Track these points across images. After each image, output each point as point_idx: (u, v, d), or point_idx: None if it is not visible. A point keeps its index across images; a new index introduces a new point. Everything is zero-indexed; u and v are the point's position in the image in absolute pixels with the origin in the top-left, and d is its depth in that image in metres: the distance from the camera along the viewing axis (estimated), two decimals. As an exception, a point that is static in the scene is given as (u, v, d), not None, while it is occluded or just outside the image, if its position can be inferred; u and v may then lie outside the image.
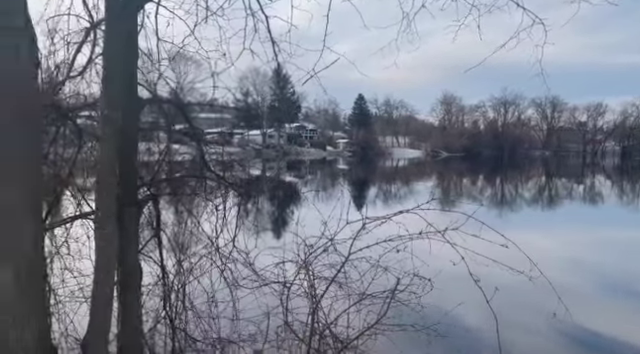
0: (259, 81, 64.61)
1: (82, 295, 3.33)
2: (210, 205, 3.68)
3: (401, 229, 2.88)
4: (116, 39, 2.48)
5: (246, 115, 64.03)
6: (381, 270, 3.00)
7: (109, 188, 2.47)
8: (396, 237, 2.88)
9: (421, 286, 2.94)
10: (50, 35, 3.12)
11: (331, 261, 3.12)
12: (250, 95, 67.44)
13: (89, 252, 3.43)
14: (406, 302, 2.96)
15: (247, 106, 63.28)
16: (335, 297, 3.10)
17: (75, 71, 3.19)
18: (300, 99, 71.72)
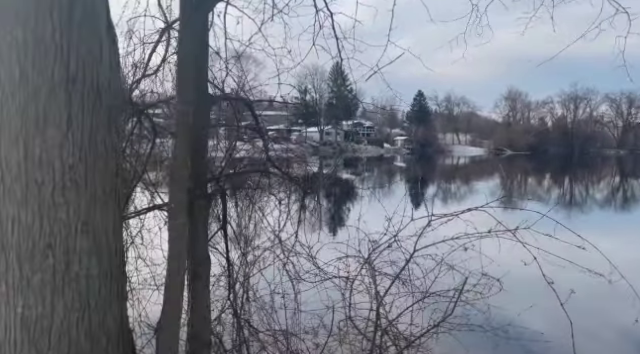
0: (317, 78, 64.99)
1: (154, 283, 3.52)
2: (274, 200, 3.78)
3: (468, 227, 2.81)
4: (189, 38, 2.59)
5: (304, 112, 64.74)
6: (445, 268, 2.95)
7: (181, 181, 2.58)
8: (463, 235, 2.82)
9: (487, 286, 2.86)
10: (128, 36, 3.32)
11: (392, 258, 3.11)
12: (308, 92, 68.13)
13: (160, 242, 3.63)
14: (472, 302, 2.89)
15: (305, 103, 64.02)
16: (397, 294, 3.09)
17: (150, 70, 3.38)
18: (358, 96, 71.81)
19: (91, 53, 2.18)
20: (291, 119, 60.09)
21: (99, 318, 2.20)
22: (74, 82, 2.11)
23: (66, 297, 2.11)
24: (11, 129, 2.02)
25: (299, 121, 64.96)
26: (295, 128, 59.92)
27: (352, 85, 66.77)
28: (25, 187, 2.04)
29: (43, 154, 2.05)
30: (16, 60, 1.99)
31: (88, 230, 2.18)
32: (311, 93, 68.67)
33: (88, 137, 2.17)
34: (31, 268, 2.06)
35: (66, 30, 2.07)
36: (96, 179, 2.22)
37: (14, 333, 2.06)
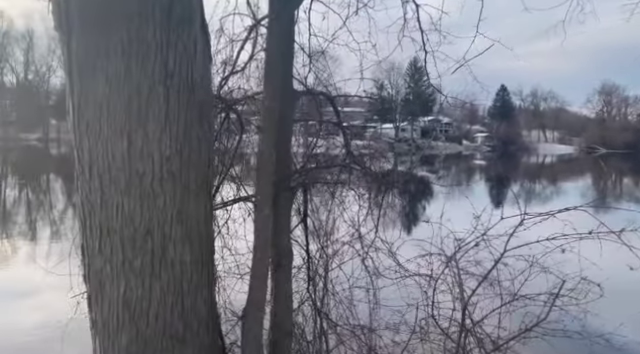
0: (394, 74, 64.09)
1: (238, 272, 3.67)
2: (353, 194, 3.79)
3: (566, 227, 2.63)
4: (276, 35, 2.65)
5: (380, 109, 64.14)
6: (536, 271, 2.79)
7: (267, 174, 2.66)
8: (560, 236, 2.64)
9: (584, 292, 2.66)
10: (217, 35, 3.47)
11: (478, 257, 2.99)
12: (385, 88, 67.39)
13: (245, 233, 3.77)
14: (568, 307, 2.71)
15: (381, 99, 63.38)
16: (483, 295, 2.97)
17: (238, 67, 3.51)
18: (435, 92, 69.93)
19: (187, 51, 2.30)
20: (366, 115, 59.92)
21: (191, 302, 2.33)
22: (172, 78, 2.24)
23: (162, 281, 2.25)
24: (117, 123, 2.18)
25: (374, 117, 64.49)
26: (370, 125, 59.63)
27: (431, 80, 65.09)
28: (128, 177, 2.20)
29: (144, 146, 2.20)
30: (122, 58, 2.14)
31: (182, 219, 2.32)
32: (387, 89, 67.86)
33: (183, 131, 2.30)
34: (133, 252, 2.22)
35: (165, 29, 2.20)
36: (190, 171, 2.34)
37: (117, 311, 2.23)
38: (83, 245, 2.31)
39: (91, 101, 2.19)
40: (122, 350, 2.22)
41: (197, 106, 2.38)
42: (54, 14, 2.24)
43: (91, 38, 2.14)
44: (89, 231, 2.27)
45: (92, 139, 2.21)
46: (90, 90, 2.18)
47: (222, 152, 3.46)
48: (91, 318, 2.31)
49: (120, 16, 2.12)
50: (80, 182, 2.28)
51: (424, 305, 3.11)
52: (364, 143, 3.93)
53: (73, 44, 2.16)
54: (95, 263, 2.27)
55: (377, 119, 64.13)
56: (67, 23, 2.15)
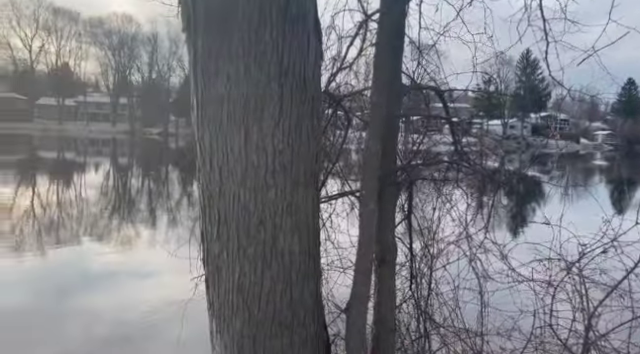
0: (504, 67, 60.53)
1: (340, 265, 3.73)
2: (461, 192, 3.65)
3: None
4: (387, 29, 2.64)
5: (486, 104, 61.03)
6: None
7: (373, 169, 2.66)
8: None
9: None
10: (327, 32, 3.53)
11: (603, 266, 2.72)
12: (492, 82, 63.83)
13: (347, 227, 3.81)
14: None
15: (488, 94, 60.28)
16: (610, 306, 2.71)
17: (346, 63, 3.55)
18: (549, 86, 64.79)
19: (300, 48, 2.37)
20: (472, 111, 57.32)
21: (299, 291, 2.42)
22: (286, 75, 2.33)
23: (273, 270, 2.36)
24: (236, 118, 2.31)
25: (480, 113, 61.51)
26: (476, 121, 56.91)
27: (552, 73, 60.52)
28: (244, 169, 2.33)
29: (259, 140, 2.32)
30: (242, 57, 2.27)
31: (292, 211, 2.40)
32: (495, 83, 64.29)
33: (295, 126, 2.38)
34: (247, 240, 2.35)
35: (281, 29, 2.29)
36: (300, 164, 2.42)
37: (232, 295, 2.38)
38: (203, 231, 2.49)
39: (213, 98, 2.34)
40: (236, 332, 2.36)
41: (308, 102, 2.44)
42: (183, 17, 2.43)
43: (214, 39, 2.29)
44: (208, 218, 2.45)
45: (213, 133, 2.36)
46: (212, 88, 2.34)
47: (328, 147, 3.52)
48: (209, 300, 2.49)
49: (241, 18, 2.24)
50: (201, 173, 2.46)
51: (540, 313, 2.91)
52: (472, 140, 3.75)
53: (199, 45, 2.32)
54: (213, 249, 2.44)
55: (483, 115, 61.11)
56: (194, 26, 2.32)
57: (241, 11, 2.24)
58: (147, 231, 15.29)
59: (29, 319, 7.49)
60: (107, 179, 31.30)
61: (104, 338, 6.77)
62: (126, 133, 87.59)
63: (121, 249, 12.81)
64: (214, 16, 2.28)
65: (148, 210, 19.90)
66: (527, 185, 17.98)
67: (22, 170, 32.37)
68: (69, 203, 20.55)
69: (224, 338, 2.40)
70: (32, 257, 11.51)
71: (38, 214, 17.23)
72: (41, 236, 13.93)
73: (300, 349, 2.41)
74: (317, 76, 2.57)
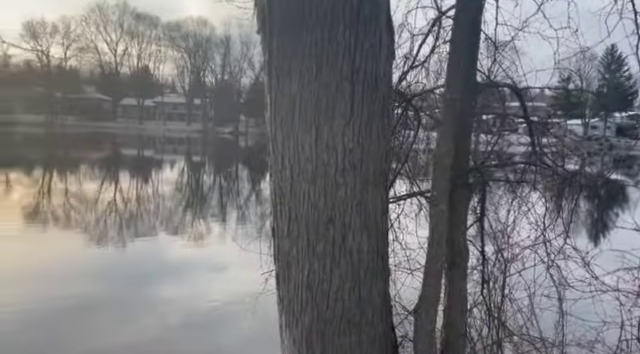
0: (585, 63, 56.87)
1: (408, 266, 3.67)
2: (538, 195, 3.47)
3: None
4: (463, 26, 2.57)
5: (565, 103, 57.53)
6: None
7: (444, 169, 2.60)
8: None
9: None
10: (399, 30, 3.50)
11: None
12: (572, 80, 60.13)
13: (415, 228, 3.75)
14: None
15: (567, 92, 56.75)
16: None
17: (418, 61, 3.49)
18: (638, 83, 59.89)
19: (372, 47, 2.36)
20: (549, 111, 54.17)
21: (367, 291, 2.42)
22: (357, 75, 2.33)
23: (341, 268, 2.37)
24: (307, 117, 2.34)
25: (558, 113, 58.09)
26: (555, 120, 53.76)
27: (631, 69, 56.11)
28: (315, 167, 2.36)
29: (330, 139, 2.33)
30: (314, 57, 2.29)
31: (361, 210, 2.40)
32: (575, 81, 60.51)
33: (365, 125, 2.38)
34: (316, 238, 2.38)
35: (354, 28, 2.29)
36: (369, 163, 2.42)
37: (301, 292, 2.42)
38: (274, 228, 2.55)
39: (285, 98, 2.39)
40: (305, 328, 2.40)
41: (379, 101, 2.43)
42: (258, 19, 2.50)
43: (288, 40, 2.34)
44: (279, 215, 2.50)
45: (285, 132, 2.41)
46: (285, 88, 2.39)
47: (397, 147, 3.48)
48: (279, 295, 2.55)
49: (314, 19, 2.27)
50: (273, 171, 2.52)
51: (627, 325, 2.70)
52: (551, 140, 3.55)
53: (273, 46, 2.38)
54: (284, 245, 2.50)
55: (562, 114, 57.68)
56: (269, 27, 2.38)
57: (315, 12, 2.27)
58: (219, 226, 15.92)
59: (110, 305, 8.05)
60: (182, 176, 32.91)
61: (178, 326, 7.14)
62: (199, 132, 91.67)
63: (194, 243, 13.43)
64: (289, 18, 2.33)
65: (219, 206, 20.70)
66: (610, 189, 16.75)
67: (106, 167, 34.80)
68: (147, 198, 21.84)
69: (293, 333, 2.45)
70: (114, 248, 12.37)
71: (120, 208, 18.46)
72: (122, 229, 14.93)
73: (368, 348, 2.41)
74: (388, 75, 2.55)
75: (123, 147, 55.61)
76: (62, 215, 16.58)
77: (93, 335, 6.92)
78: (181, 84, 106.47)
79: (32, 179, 25.57)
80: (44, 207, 17.73)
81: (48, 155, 39.78)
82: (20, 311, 7.65)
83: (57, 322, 7.26)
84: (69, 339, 6.70)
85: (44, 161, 35.02)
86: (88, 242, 13.13)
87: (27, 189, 21.59)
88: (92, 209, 17.85)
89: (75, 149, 46.50)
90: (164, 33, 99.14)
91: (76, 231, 14.52)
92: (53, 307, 7.87)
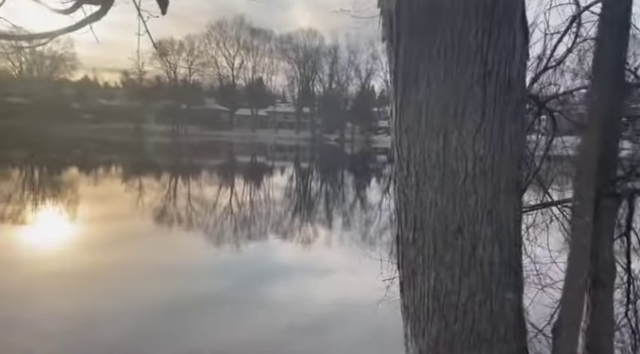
0: None
1: (538, 282, 3.41)
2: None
3: None
4: (610, 22, 2.34)
5: None
6: None
7: (588, 177, 2.38)
8: None
9: None
10: (531, 29, 3.28)
11: None
12: None
13: (547, 241, 3.48)
14: None
15: None
16: None
17: (552, 61, 3.25)
18: None
19: (506, 48, 2.25)
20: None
21: (499, 304, 2.29)
22: (489, 77, 2.23)
23: (471, 279, 2.28)
24: (434, 123, 2.29)
25: None
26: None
27: None
28: (442, 175, 2.29)
29: (459, 146, 2.26)
30: (443, 62, 2.24)
31: (492, 219, 2.29)
32: None
33: (497, 130, 2.27)
34: (444, 247, 2.31)
35: (487, 29, 2.20)
36: (502, 171, 2.30)
37: (427, 301, 2.36)
38: (398, 235, 2.53)
39: (412, 103, 2.36)
40: (431, 339, 2.34)
41: (512, 105, 2.31)
42: (384, 25, 2.51)
43: (416, 44, 2.31)
44: (404, 223, 2.47)
45: (410, 138, 2.38)
46: (411, 93, 2.36)
47: (530, 153, 3.27)
48: (403, 303, 2.52)
49: (444, 22, 2.22)
50: (398, 177, 2.50)
51: None
52: None
53: (400, 51, 2.37)
54: (408, 253, 2.46)
55: None
56: (396, 33, 2.38)
57: (445, 15, 2.22)
58: (334, 231, 16.23)
59: (224, 304, 8.58)
60: (291, 181, 34.21)
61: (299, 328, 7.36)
62: (307, 140, 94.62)
63: (313, 247, 13.83)
64: (417, 22, 2.30)
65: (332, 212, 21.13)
66: None
67: (224, 173, 37.37)
68: (259, 203, 23.02)
69: (419, 343, 2.40)
70: (229, 250, 13.20)
71: (235, 212, 19.67)
72: (236, 231, 15.89)
73: (501, 366, 2.28)
74: (522, 77, 2.41)
75: (238, 154, 59.34)
76: (186, 217, 18.11)
77: (215, 329, 7.42)
78: (291, 94, 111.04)
79: (160, 184, 28.33)
80: (171, 209, 19.51)
81: (174, 162, 43.79)
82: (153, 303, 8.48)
83: (182, 314, 7.92)
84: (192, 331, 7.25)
85: (171, 167, 38.63)
86: (208, 243, 14.17)
87: (156, 193, 23.96)
88: (212, 212, 19.25)
89: (197, 157, 50.62)
90: (276, 46, 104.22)
91: (198, 232, 15.76)
92: (178, 301, 8.61)
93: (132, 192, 24.12)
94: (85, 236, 14.27)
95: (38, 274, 9.73)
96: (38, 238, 13.82)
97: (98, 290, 8.95)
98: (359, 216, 19.43)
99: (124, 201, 21.26)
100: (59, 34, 3.17)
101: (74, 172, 32.27)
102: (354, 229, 16.71)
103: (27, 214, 17.07)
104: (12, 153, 42.44)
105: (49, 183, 26.17)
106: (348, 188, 31.49)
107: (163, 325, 7.60)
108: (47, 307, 7.98)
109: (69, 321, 7.34)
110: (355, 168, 47.16)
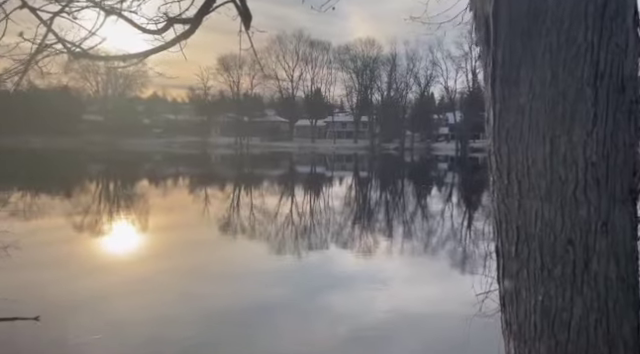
0: None
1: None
2: None
3: None
4: None
5: None
6: None
7: None
8: None
9: None
10: None
11: None
12: None
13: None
14: None
15: None
16: None
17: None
18: None
19: (618, 48, 2.10)
20: None
21: (616, 324, 2.10)
22: (601, 79, 2.09)
23: (584, 296, 2.11)
24: (539, 129, 2.17)
25: None
26: None
27: None
28: (549, 183, 2.16)
29: (568, 152, 2.12)
30: (548, 63, 2.12)
31: (607, 230, 2.12)
32: None
33: (610, 134, 2.11)
34: (552, 260, 2.16)
35: (597, 28, 2.07)
36: (616, 178, 2.13)
37: (534, 318, 2.22)
38: (498, 247, 2.40)
39: (513, 108, 2.25)
40: (541, 358, 2.19)
41: (625, 106, 2.15)
42: (479, 30, 2.42)
43: (517, 48, 2.21)
44: (505, 234, 2.35)
45: (511, 145, 2.27)
46: (512, 98, 2.25)
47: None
48: (505, 320, 2.38)
49: (549, 21, 2.11)
50: (497, 186, 2.38)
51: None
52: None
53: (498, 56, 2.27)
54: (510, 267, 2.33)
55: None
56: (494, 36, 2.28)
57: (550, 15, 2.11)
58: (404, 241, 15.97)
59: (286, 312, 8.61)
60: (350, 190, 34.16)
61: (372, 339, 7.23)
62: (366, 149, 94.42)
63: (384, 257, 13.64)
64: (518, 24, 2.20)
65: (401, 221, 20.84)
66: None
67: (284, 182, 37.98)
68: (319, 212, 23.13)
69: (526, 362, 2.25)
70: (290, 259, 13.29)
71: (295, 221, 19.87)
72: (297, 240, 16.01)
73: (623, 392, 2.09)
74: (635, 77, 2.24)
75: (298, 164, 60.21)
76: (249, 226, 18.53)
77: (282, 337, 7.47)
78: (349, 103, 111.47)
79: (225, 194, 29.27)
80: (235, 219, 20.06)
81: (237, 173, 45.12)
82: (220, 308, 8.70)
83: (246, 320, 8.06)
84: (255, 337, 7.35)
85: (234, 178, 39.84)
86: (272, 251, 14.38)
87: (221, 203, 24.76)
88: (274, 221, 19.57)
89: (258, 167, 51.91)
90: (334, 56, 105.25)
91: (261, 240, 16.06)
92: (245, 306, 8.77)
93: (199, 203, 25.10)
94: (157, 244, 14.98)
95: (121, 280, 10.29)
96: (116, 246, 14.65)
97: (171, 295, 9.33)
98: (435, 227, 18.98)
99: (191, 211, 22.14)
100: (152, 53, 3.32)
101: (145, 184, 34.10)
102: (430, 240, 16.33)
103: (105, 224, 18.20)
104: (90, 167, 45.57)
105: (123, 196, 27.80)
106: (412, 197, 30.96)
107: (228, 329, 7.78)
108: (129, 309, 8.42)
109: (141, 324, 7.68)
110: (416, 176, 46.39)
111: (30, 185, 28.43)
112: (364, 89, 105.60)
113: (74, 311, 8.13)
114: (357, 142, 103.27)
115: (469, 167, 59.15)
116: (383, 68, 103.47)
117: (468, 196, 30.59)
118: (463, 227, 18.99)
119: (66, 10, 3.29)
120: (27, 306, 7.66)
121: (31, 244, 9.84)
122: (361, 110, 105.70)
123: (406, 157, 78.06)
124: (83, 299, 8.77)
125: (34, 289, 9.07)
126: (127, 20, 3.39)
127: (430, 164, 64.61)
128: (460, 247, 15.29)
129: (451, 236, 16.93)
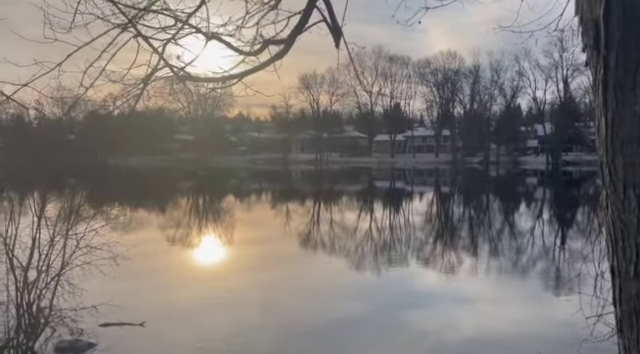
0: None
1: None
2: None
3: None
4: None
5: None
6: None
7: None
8: None
9: None
10: None
11: None
12: None
13: None
14: None
15: None
16: None
17: None
18: None
19: None
20: None
21: None
22: None
23: None
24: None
25: None
26: None
27: None
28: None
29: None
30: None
31: None
32: None
33: None
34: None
35: None
36: None
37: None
38: (613, 267, 2.23)
39: (627, 116, 2.10)
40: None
41: None
42: (586, 35, 2.30)
43: (632, 51, 2.07)
44: (622, 253, 2.17)
45: (627, 156, 2.11)
46: (627, 105, 2.11)
47: None
48: (623, 345, 2.19)
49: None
50: (611, 200, 2.22)
51: None
52: None
53: (611, 60, 2.14)
54: (628, 287, 2.14)
55: None
56: (605, 42, 2.16)
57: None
58: (495, 260, 15.27)
59: (369, 326, 8.50)
60: (431, 206, 33.28)
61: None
62: (447, 163, 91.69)
63: (472, 276, 13.11)
64: (632, 27, 2.06)
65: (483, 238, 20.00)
66: None
67: (363, 198, 37.89)
68: (399, 228, 22.75)
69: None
70: (370, 275, 13.15)
71: (374, 237, 19.69)
72: (377, 256, 15.82)
73: None
74: None
75: (377, 180, 59.85)
76: (329, 241, 18.66)
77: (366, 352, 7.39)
78: (429, 117, 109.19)
79: (305, 209, 29.79)
80: (314, 234, 20.31)
81: (317, 188, 45.77)
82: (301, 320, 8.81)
83: (326, 332, 8.07)
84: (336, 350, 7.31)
85: (314, 193, 40.45)
86: (351, 266, 14.34)
87: (302, 218, 25.23)
88: (354, 237, 19.55)
89: (338, 183, 52.27)
90: (414, 70, 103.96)
91: (340, 255, 16.08)
92: (323, 319, 8.82)
93: (281, 217, 25.76)
94: (242, 257, 15.57)
95: (212, 290, 10.82)
96: (206, 258, 15.45)
97: (257, 308, 9.63)
98: (531, 245, 17.93)
99: (274, 226, 22.78)
100: (248, 74, 3.52)
101: (231, 199, 35.68)
102: (528, 259, 15.45)
103: (196, 237, 19.29)
104: (182, 184, 48.63)
105: (212, 210, 29.31)
106: (493, 212, 29.51)
107: (308, 341, 7.85)
108: (221, 319, 8.83)
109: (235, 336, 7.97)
110: (503, 191, 44.23)
111: (135, 200, 30.95)
112: (445, 102, 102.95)
113: (175, 318, 8.68)
114: (438, 156, 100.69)
115: (562, 181, 55.35)
116: (465, 80, 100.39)
117: (565, 213, 28.56)
118: (564, 246, 17.76)
119: (176, 37, 3.59)
120: (134, 312, 8.27)
121: (135, 255, 10.67)
122: (442, 123, 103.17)
123: (491, 171, 74.69)
124: (182, 307, 9.35)
125: (139, 296, 9.81)
126: (226, 44, 3.62)
127: (518, 178, 61.24)
128: (563, 267, 14.37)
129: (551, 255, 15.90)
